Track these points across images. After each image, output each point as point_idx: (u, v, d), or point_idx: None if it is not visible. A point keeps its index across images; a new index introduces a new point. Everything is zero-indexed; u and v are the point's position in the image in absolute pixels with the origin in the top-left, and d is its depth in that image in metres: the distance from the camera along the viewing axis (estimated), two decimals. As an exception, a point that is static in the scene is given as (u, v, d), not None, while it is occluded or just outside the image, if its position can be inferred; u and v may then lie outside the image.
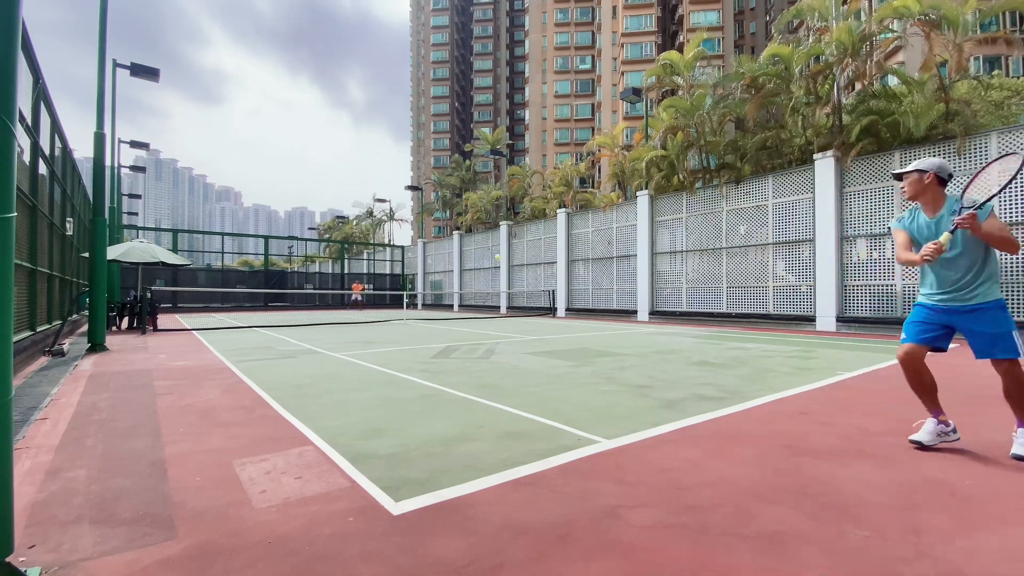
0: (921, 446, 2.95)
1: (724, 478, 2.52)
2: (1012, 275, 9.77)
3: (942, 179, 2.86)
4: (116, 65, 10.56)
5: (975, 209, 2.64)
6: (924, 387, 2.95)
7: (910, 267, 2.78)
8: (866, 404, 3.83)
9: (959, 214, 2.65)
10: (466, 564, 1.74)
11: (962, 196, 2.82)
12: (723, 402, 4.22)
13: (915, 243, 2.96)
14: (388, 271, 35.97)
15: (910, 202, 2.99)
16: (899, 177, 2.99)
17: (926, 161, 2.89)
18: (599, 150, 29.09)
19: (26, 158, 6.39)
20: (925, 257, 2.65)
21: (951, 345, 2.95)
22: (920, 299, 3.00)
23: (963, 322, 2.80)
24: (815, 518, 2.07)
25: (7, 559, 1.65)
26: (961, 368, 5.88)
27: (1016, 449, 2.75)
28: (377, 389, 4.85)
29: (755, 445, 3.06)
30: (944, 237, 2.63)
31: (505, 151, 35.18)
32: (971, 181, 2.87)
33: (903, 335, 3.01)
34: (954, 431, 2.97)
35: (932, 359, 2.93)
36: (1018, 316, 9.63)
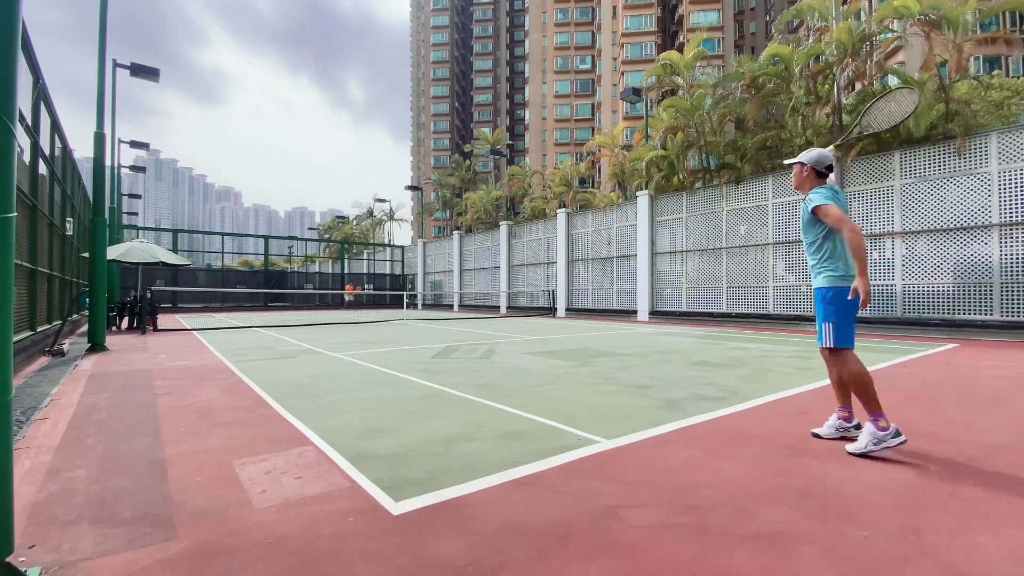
0: (819, 437, 3.16)
1: (724, 478, 2.52)
2: (1012, 275, 9.76)
3: (819, 172, 3.09)
4: (116, 65, 10.55)
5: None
6: (836, 383, 3.16)
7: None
8: (866, 404, 3.83)
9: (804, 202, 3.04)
10: (466, 564, 1.74)
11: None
12: (723, 402, 4.23)
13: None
14: (388, 271, 35.94)
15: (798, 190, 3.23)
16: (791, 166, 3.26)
17: (807, 153, 3.12)
18: (599, 150, 29.10)
19: (26, 158, 6.39)
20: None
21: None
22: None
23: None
24: (815, 518, 2.07)
25: (7, 559, 1.65)
26: (959, 368, 5.89)
27: (849, 446, 2.88)
28: (377, 389, 4.85)
29: (755, 445, 3.06)
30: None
31: (505, 151, 35.17)
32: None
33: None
34: (856, 427, 3.10)
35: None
36: (1019, 316, 9.62)
